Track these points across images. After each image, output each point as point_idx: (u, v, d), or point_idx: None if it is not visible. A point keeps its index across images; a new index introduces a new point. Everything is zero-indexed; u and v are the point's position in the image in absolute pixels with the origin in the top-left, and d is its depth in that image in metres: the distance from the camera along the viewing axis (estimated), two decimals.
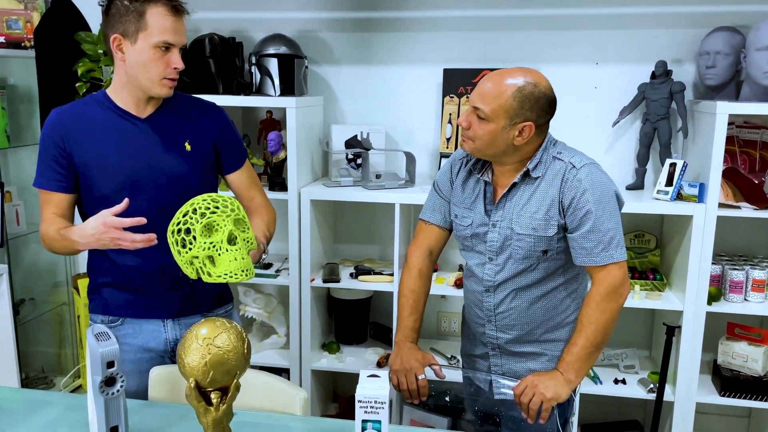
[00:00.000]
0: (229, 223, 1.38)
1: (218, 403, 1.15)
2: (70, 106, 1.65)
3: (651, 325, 2.77)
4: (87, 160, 1.59)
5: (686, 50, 2.53)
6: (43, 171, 1.62)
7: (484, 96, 1.52)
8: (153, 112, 1.64)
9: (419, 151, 2.75)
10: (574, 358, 1.55)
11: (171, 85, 1.57)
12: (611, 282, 1.55)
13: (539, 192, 1.58)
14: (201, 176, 1.68)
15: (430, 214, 1.79)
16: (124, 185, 1.59)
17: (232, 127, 1.77)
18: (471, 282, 1.74)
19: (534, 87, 1.52)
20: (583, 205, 1.53)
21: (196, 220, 1.37)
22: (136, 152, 1.60)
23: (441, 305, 2.90)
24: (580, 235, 1.54)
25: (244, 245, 1.41)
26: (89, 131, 1.60)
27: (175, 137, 1.65)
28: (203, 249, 1.38)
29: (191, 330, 1.15)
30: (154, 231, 1.55)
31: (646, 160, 2.56)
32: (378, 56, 2.76)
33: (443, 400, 2.03)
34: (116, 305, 1.68)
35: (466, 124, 1.56)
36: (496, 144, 1.54)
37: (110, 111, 1.61)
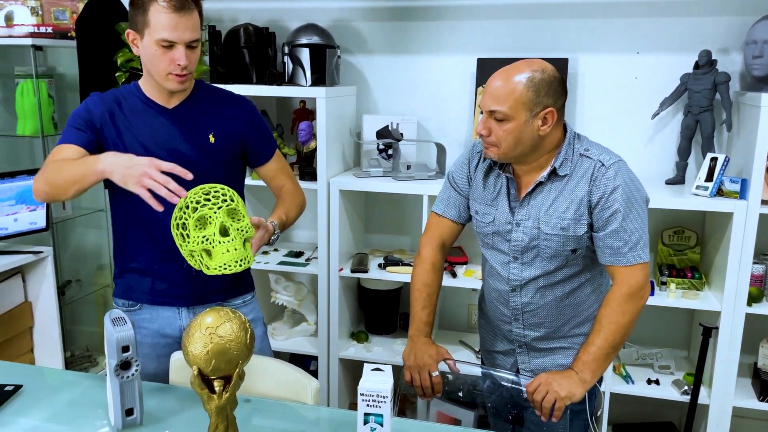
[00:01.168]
0: (221, 215, 1.40)
1: (221, 391, 1.17)
2: (107, 93, 1.70)
3: (689, 325, 2.67)
4: (115, 143, 1.63)
5: (732, 39, 2.41)
6: (71, 130, 1.61)
7: (496, 97, 1.48)
8: (180, 103, 1.66)
9: (451, 142, 2.72)
10: (591, 358, 1.52)
11: (178, 80, 1.58)
12: (633, 283, 1.51)
13: (567, 190, 1.54)
14: (224, 169, 1.69)
15: (443, 207, 1.76)
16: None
17: (260, 120, 1.77)
18: (494, 281, 1.71)
19: (542, 73, 1.47)
20: (611, 204, 1.49)
21: (188, 215, 1.39)
22: (159, 142, 1.64)
23: (472, 298, 2.88)
24: (607, 235, 1.51)
25: (238, 235, 1.43)
26: (120, 118, 1.64)
27: (199, 129, 1.67)
28: (197, 243, 1.40)
29: (196, 319, 1.17)
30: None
31: (687, 154, 2.46)
32: (411, 46, 2.73)
33: (456, 395, 2.03)
34: (135, 291, 1.73)
35: (486, 132, 1.51)
36: (522, 141, 1.50)
37: (139, 101, 1.66)
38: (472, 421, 1.82)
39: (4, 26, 2.89)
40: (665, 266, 2.51)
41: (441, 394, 1.66)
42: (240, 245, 1.43)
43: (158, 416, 1.46)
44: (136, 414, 1.40)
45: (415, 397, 1.74)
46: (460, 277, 2.57)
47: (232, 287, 1.78)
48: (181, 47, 1.55)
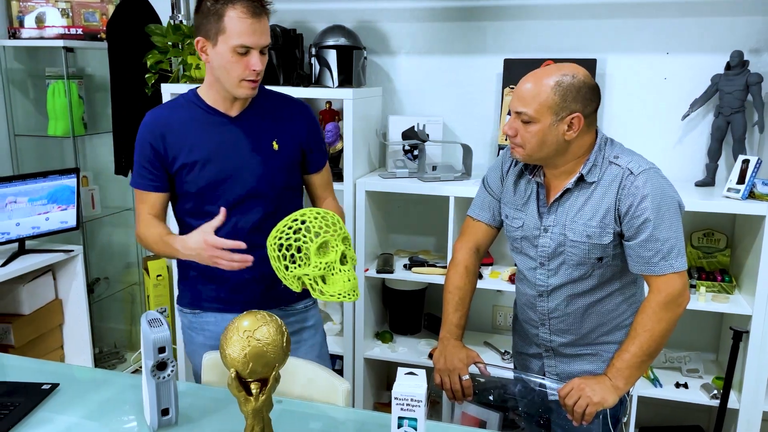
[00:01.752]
0: (340, 243, 1.40)
1: (258, 394, 1.19)
2: (162, 107, 1.70)
3: (719, 328, 2.64)
4: (178, 159, 1.64)
5: (765, 39, 2.37)
6: (139, 171, 1.69)
7: (523, 98, 1.48)
8: (242, 111, 1.67)
9: (477, 143, 2.72)
10: (625, 365, 1.51)
11: (251, 86, 1.57)
12: (670, 291, 1.49)
13: (594, 198, 1.53)
14: (286, 175, 1.71)
15: (478, 211, 1.77)
16: (213, 183, 1.64)
17: (317, 127, 1.79)
18: (523, 285, 1.72)
19: (572, 78, 1.47)
20: (640, 213, 1.48)
21: (310, 239, 1.38)
22: (225, 150, 1.64)
23: (496, 299, 2.87)
24: (637, 244, 1.50)
25: (352, 263, 1.44)
26: (181, 130, 1.64)
27: (263, 136, 1.67)
28: (318, 269, 1.40)
29: (233, 322, 1.19)
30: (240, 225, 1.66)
31: (717, 156, 2.43)
32: (438, 46, 2.73)
33: (486, 398, 2.03)
34: (200, 299, 1.75)
35: (512, 132, 1.52)
36: (546, 144, 1.50)
37: (201, 110, 1.66)
38: (498, 422, 1.82)
39: (35, 28, 2.94)
40: (694, 269, 2.49)
41: (471, 397, 1.66)
42: (354, 275, 1.44)
43: (193, 416, 1.48)
44: (171, 414, 1.42)
45: (440, 398, 1.74)
46: (486, 278, 2.57)
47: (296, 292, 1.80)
48: (256, 52, 1.55)
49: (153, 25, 2.65)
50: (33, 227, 2.70)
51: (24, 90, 3.18)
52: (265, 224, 1.66)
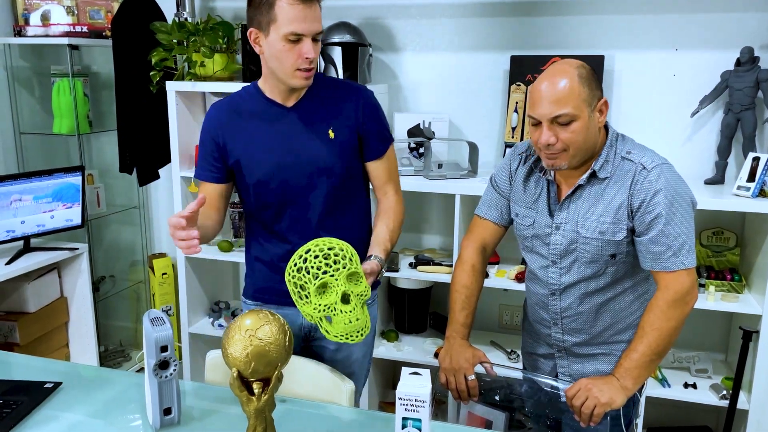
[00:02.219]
0: (342, 281, 1.36)
1: (260, 393, 1.17)
2: (226, 100, 1.71)
3: (728, 327, 2.61)
4: (238, 150, 1.66)
5: None
6: (201, 163, 1.72)
7: (557, 100, 1.43)
8: (299, 101, 1.66)
9: (483, 140, 2.70)
10: (633, 365, 1.49)
11: (305, 76, 1.56)
12: (678, 289, 1.47)
13: (607, 194, 1.51)
14: (345, 163, 1.67)
15: (486, 210, 1.75)
16: (271, 174, 1.65)
17: (377, 111, 1.72)
18: (535, 285, 1.70)
19: (583, 68, 1.47)
20: (653, 209, 1.46)
21: (309, 281, 1.35)
22: (282, 141, 1.64)
23: (503, 298, 2.85)
24: (649, 240, 1.47)
25: (359, 302, 1.38)
26: (241, 122, 1.66)
27: (318, 125, 1.65)
28: (318, 311, 1.37)
29: (235, 321, 1.18)
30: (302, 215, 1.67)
31: (727, 153, 2.40)
32: (443, 43, 2.71)
33: (493, 398, 2.01)
34: (264, 291, 1.76)
35: (553, 140, 1.45)
36: (590, 137, 1.47)
37: (260, 102, 1.66)
38: (504, 422, 1.80)
39: (40, 25, 2.94)
40: (703, 268, 2.46)
41: (477, 398, 1.64)
42: (360, 313, 1.38)
43: (195, 416, 1.47)
44: (174, 413, 1.41)
45: (446, 397, 1.73)
46: (492, 277, 2.54)
47: None
48: (309, 40, 1.52)
49: (158, 23, 2.64)
50: (38, 225, 2.70)
51: (29, 88, 3.18)
52: (329, 217, 1.68)
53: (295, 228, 1.68)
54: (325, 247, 1.36)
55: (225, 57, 2.65)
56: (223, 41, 2.65)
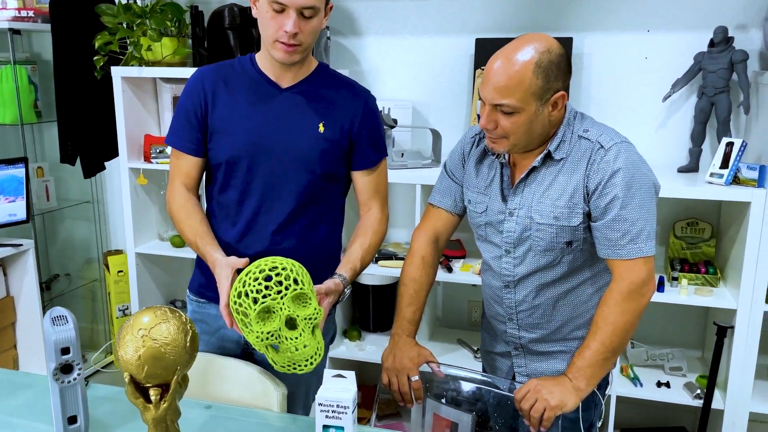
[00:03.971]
0: (287, 305, 1.22)
1: (157, 401, 1.04)
2: (216, 65, 1.58)
3: (704, 323, 2.50)
4: (217, 121, 1.52)
5: (751, 14, 2.22)
6: (177, 128, 1.56)
7: (502, 89, 1.30)
8: (295, 84, 1.53)
9: (448, 128, 2.57)
10: (586, 363, 1.35)
11: (286, 50, 1.42)
12: (634, 279, 1.34)
13: (562, 176, 1.39)
14: (328, 164, 1.53)
15: (439, 197, 1.62)
16: (244, 153, 1.51)
17: (376, 118, 1.59)
18: (489, 276, 1.58)
19: (549, 54, 1.30)
20: (609, 190, 1.33)
21: (249, 306, 1.22)
22: (265, 120, 1.51)
23: (471, 294, 2.73)
24: (604, 224, 1.35)
25: (307, 326, 1.24)
26: (227, 91, 1.53)
27: (310, 115, 1.52)
28: (260, 339, 1.23)
29: (129, 319, 1.04)
30: (267, 207, 1.52)
31: (701, 140, 2.28)
32: (405, 27, 2.58)
33: (458, 399, 1.88)
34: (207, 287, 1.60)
35: (492, 126, 1.35)
36: (533, 130, 1.35)
37: (253, 74, 1.53)
38: (470, 425, 1.68)
39: None
40: (677, 260, 2.34)
41: (421, 400, 1.51)
42: (309, 338, 1.24)
43: (108, 424, 1.33)
44: (80, 422, 1.27)
45: (395, 401, 1.60)
46: (456, 271, 2.42)
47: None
48: (292, 12, 1.38)
49: (103, 5, 2.49)
50: None
51: None
52: (298, 217, 1.54)
53: (259, 220, 1.53)
54: (266, 268, 1.22)
55: (175, 41, 2.51)
56: (172, 24, 2.51)
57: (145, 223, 2.76)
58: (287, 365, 1.25)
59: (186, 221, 1.53)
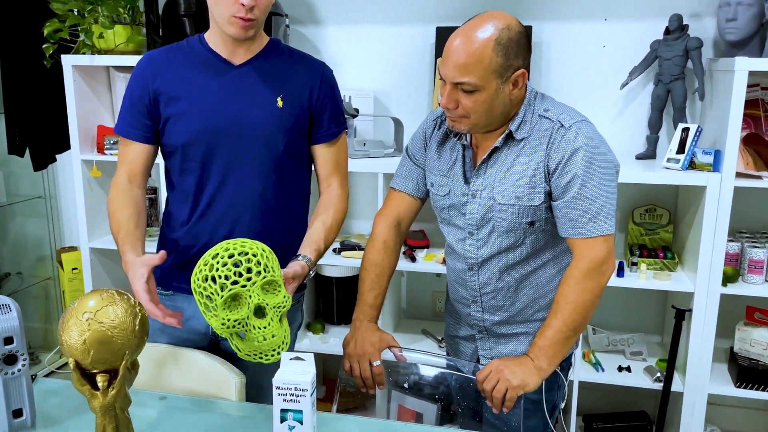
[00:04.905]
0: (256, 292, 1.17)
1: (105, 387, 0.99)
2: (164, 48, 1.53)
3: (663, 308, 2.54)
4: (169, 103, 1.46)
5: (705, 3, 2.26)
6: (125, 115, 1.51)
7: (462, 66, 1.29)
8: (248, 60, 1.48)
9: (410, 117, 2.55)
10: (548, 342, 1.35)
11: (242, 25, 1.37)
12: (594, 257, 1.35)
13: (524, 156, 1.39)
14: (288, 139, 1.49)
15: (401, 181, 1.60)
16: (201, 135, 1.45)
17: (335, 91, 1.56)
18: (452, 260, 1.56)
19: (508, 31, 1.30)
20: (569, 169, 1.34)
21: (215, 291, 1.16)
22: (220, 99, 1.45)
23: (435, 284, 2.72)
24: (565, 203, 1.35)
25: (275, 315, 1.20)
26: (177, 72, 1.47)
27: (266, 90, 1.47)
28: (226, 327, 1.18)
29: (73, 302, 0.99)
30: (229, 190, 1.47)
31: (658, 127, 2.31)
32: (366, 15, 2.55)
33: (424, 389, 1.87)
34: (171, 279, 1.55)
35: (452, 105, 1.34)
36: (494, 109, 1.35)
37: (203, 54, 1.48)
38: (435, 414, 1.67)
39: None
40: (636, 246, 2.37)
41: (383, 386, 1.49)
42: (277, 328, 1.20)
43: (57, 418, 1.28)
44: (25, 416, 1.21)
45: (353, 387, 1.57)
46: (420, 261, 2.40)
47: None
48: None
49: None
50: None
51: None
52: (263, 200, 1.49)
53: (220, 204, 1.48)
54: (235, 252, 1.17)
55: (128, 29, 2.44)
56: (125, 11, 2.43)
57: (100, 217, 2.67)
58: (252, 354, 1.21)
59: (114, 215, 1.47)
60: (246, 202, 1.48)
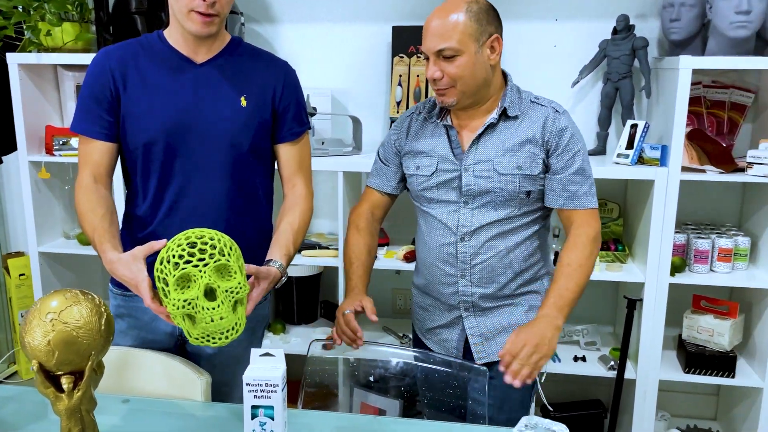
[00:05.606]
0: (208, 274, 1.15)
1: (70, 389, 0.97)
2: (120, 44, 1.47)
3: (615, 299, 2.62)
4: (131, 101, 1.42)
5: (650, 4, 2.36)
6: (84, 113, 1.44)
7: (441, 34, 1.42)
8: (211, 58, 1.44)
9: (368, 115, 2.56)
10: (564, 302, 1.45)
11: (202, 21, 1.34)
12: (595, 226, 1.53)
13: (521, 130, 1.51)
14: (253, 139, 1.47)
15: (373, 180, 1.71)
16: (164, 134, 1.41)
17: (298, 90, 1.56)
18: (438, 236, 1.58)
19: (477, 3, 1.45)
20: (572, 147, 1.50)
21: (169, 271, 1.15)
22: (183, 99, 1.42)
23: (395, 282, 2.74)
24: (566, 177, 1.50)
25: (227, 298, 1.18)
26: (139, 70, 1.43)
27: (229, 89, 1.44)
28: (176, 308, 1.16)
29: (36, 303, 0.97)
30: (193, 191, 1.45)
31: (608, 124, 2.40)
32: (322, 13, 2.55)
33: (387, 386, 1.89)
34: None
35: (438, 74, 1.45)
36: (477, 74, 1.46)
37: (163, 51, 1.44)
38: (398, 410, 1.69)
39: None
40: None
41: (360, 335, 1.52)
42: (227, 312, 1.18)
43: (14, 423, 1.24)
44: None
45: (318, 387, 1.59)
46: (381, 258, 2.42)
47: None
48: None
49: None
50: None
51: None
52: (225, 198, 1.47)
53: (183, 205, 1.45)
54: (192, 236, 1.16)
55: (77, 26, 2.38)
56: (74, 8, 2.37)
57: (49, 220, 2.59)
58: (202, 337, 1.19)
59: (86, 216, 1.41)
60: (211, 202, 1.46)
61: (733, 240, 2.24)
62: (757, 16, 1.99)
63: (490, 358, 1.57)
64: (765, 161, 2.07)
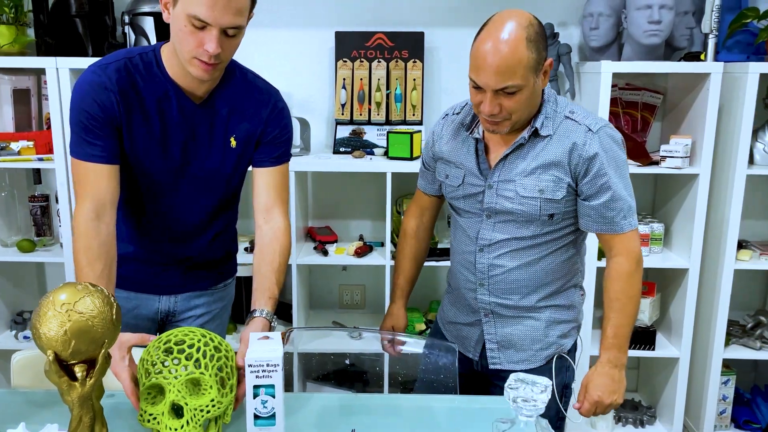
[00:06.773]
0: (176, 389, 1.08)
1: (84, 377, 1.01)
2: (118, 66, 1.35)
3: None
4: (133, 144, 1.37)
5: (571, 13, 2.58)
6: (84, 137, 1.34)
7: (504, 72, 1.31)
8: (209, 96, 1.41)
9: (315, 117, 2.65)
10: (622, 340, 1.45)
11: (204, 68, 1.28)
12: (635, 250, 1.46)
13: (548, 152, 1.43)
14: (240, 175, 1.50)
15: (420, 181, 1.75)
16: (159, 178, 1.43)
17: (283, 118, 1.49)
18: (461, 242, 1.59)
19: (532, 26, 1.33)
20: (604, 172, 1.41)
21: (142, 375, 1.12)
22: (183, 146, 1.41)
23: (342, 278, 2.83)
24: (601, 205, 1.43)
25: (195, 419, 1.09)
26: (139, 105, 1.36)
27: (223, 132, 1.43)
28: (143, 419, 1.12)
29: (47, 296, 1.00)
30: (181, 228, 1.49)
31: None
32: (266, 18, 2.61)
33: (315, 377, 2.00)
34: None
35: (497, 110, 1.36)
36: (533, 103, 1.40)
37: (163, 83, 1.37)
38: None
39: None
40: None
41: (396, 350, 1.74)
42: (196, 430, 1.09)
43: None
44: None
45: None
46: (331, 255, 2.51)
47: (220, 275, 1.63)
48: (215, 31, 1.24)
49: None
50: None
51: None
52: (206, 226, 1.54)
53: (168, 232, 1.51)
54: (172, 339, 1.12)
55: (13, 29, 2.32)
56: (10, 11, 2.31)
57: None
58: None
59: (82, 270, 1.31)
60: (191, 230, 1.52)
61: (650, 226, 2.49)
62: (666, 25, 2.25)
63: (503, 366, 1.56)
64: (676, 154, 2.33)
